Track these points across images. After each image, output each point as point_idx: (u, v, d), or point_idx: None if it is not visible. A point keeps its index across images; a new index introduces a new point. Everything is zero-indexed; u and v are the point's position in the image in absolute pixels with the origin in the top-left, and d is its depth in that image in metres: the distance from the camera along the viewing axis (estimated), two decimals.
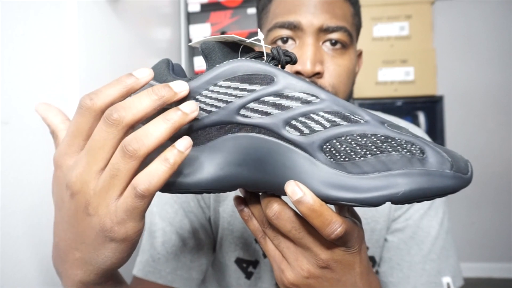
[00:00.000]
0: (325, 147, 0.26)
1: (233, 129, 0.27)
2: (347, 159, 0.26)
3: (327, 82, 0.50)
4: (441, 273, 0.57)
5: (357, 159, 0.25)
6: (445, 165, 0.25)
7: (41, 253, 0.44)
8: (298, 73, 0.49)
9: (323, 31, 0.50)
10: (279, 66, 0.29)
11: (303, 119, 0.26)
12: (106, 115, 0.24)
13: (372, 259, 0.58)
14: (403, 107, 1.71)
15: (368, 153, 0.25)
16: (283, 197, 0.29)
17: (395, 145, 0.25)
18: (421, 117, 1.73)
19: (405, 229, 0.58)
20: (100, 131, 0.24)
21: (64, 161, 0.26)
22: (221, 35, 0.28)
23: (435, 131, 1.73)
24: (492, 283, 1.94)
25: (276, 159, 0.27)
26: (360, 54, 0.61)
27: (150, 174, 0.24)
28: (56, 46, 0.49)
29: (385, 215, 0.58)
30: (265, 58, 0.29)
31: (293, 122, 0.26)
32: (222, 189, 0.28)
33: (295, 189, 0.26)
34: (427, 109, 1.73)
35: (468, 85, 2.00)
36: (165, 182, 0.24)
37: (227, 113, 0.27)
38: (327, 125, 0.26)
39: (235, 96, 0.27)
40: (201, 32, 1.24)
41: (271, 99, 0.26)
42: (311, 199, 0.26)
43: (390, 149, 0.25)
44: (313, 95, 0.27)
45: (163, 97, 0.25)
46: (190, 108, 0.25)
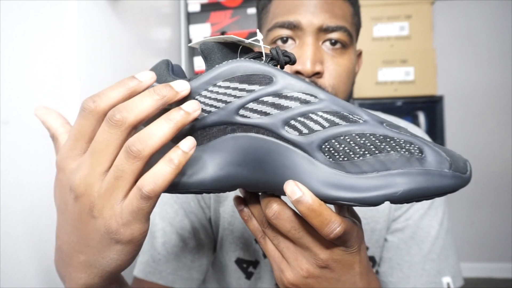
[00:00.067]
0: (324, 147, 0.26)
1: (232, 129, 0.27)
2: (346, 158, 0.26)
3: (327, 82, 0.50)
4: (441, 273, 0.57)
5: (356, 158, 0.25)
6: (444, 164, 0.25)
7: (41, 253, 0.44)
8: (298, 72, 0.49)
9: (323, 30, 0.50)
10: (278, 66, 0.29)
11: (302, 119, 0.26)
12: (109, 116, 0.24)
13: (372, 259, 0.58)
14: (403, 107, 1.71)
15: (367, 152, 0.25)
16: (282, 197, 0.29)
17: (393, 144, 0.25)
18: (421, 117, 1.73)
19: (405, 229, 0.58)
20: (103, 132, 0.24)
21: (67, 165, 0.26)
22: (220, 36, 0.28)
23: (435, 131, 1.73)
24: (492, 283, 1.94)
25: (275, 159, 0.27)
26: (360, 54, 0.61)
27: (155, 175, 0.24)
28: (56, 46, 0.49)
29: (385, 215, 0.58)
30: (264, 58, 0.29)
31: (292, 122, 0.26)
32: (222, 189, 0.28)
33: (294, 188, 0.26)
34: (427, 109, 1.72)
35: (468, 85, 2.00)
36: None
37: (226, 113, 0.27)
38: (326, 125, 0.26)
39: (234, 96, 0.27)
40: (201, 32, 1.24)
41: (270, 99, 0.27)
42: (310, 198, 0.26)
43: (389, 149, 0.25)
44: (312, 95, 0.27)
45: (164, 96, 0.25)
46: (192, 107, 0.25)
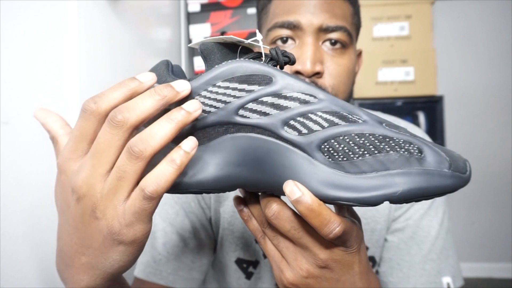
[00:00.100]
0: (323, 147, 0.26)
1: (232, 129, 0.27)
2: (345, 158, 0.26)
3: (327, 82, 0.50)
4: (441, 273, 0.57)
5: (355, 158, 0.25)
6: (443, 164, 0.25)
7: (41, 253, 0.44)
8: (298, 72, 0.49)
9: (322, 30, 0.50)
10: (278, 66, 0.29)
11: (302, 119, 0.26)
12: (111, 117, 0.24)
13: (372, 259, 0.58)
14: (403, 107, 1.71)
15: (366, 152, 0.25)
16: (282, 197, 0.29)
17: (393, 144, 0.25)
18: (421, 117, 1.73)
19: (405, 229, 0.58)
20: (105, 133, 0.24)
21: (69, 166, 0.26)
22: (220, 36, 0.28)
23: (435, 131, 1.73)
24: (492, 283, 1.94)
25: (275, 159, 0.27)
26: (360, 54, 0.61)
27: (158, 176, 0.24)
28: (56, 46, 0.49)
29: (385, 215, 0.58)
30: (263, 58, 0.29)
31: (292, 122, 0.26)
32: (222, 189, 0.28)
33: (294, 189, 0.26)
34: (427, 109, 1.72)
35: (468, 85, 2.00)
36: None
37: (226, 114, 0.27)
38: (325, 125, 0.26)
39: (234, 96, 0.27)
40: (201, 32, 1.24)
41: (269, 99, 0.27)
42: (309, 198, 0.26)
43: (388, 149, 0.25)
44: (311, 95, 0.27)
45: (165, 96, 0.25)
46: (193, 106, 0.25)
